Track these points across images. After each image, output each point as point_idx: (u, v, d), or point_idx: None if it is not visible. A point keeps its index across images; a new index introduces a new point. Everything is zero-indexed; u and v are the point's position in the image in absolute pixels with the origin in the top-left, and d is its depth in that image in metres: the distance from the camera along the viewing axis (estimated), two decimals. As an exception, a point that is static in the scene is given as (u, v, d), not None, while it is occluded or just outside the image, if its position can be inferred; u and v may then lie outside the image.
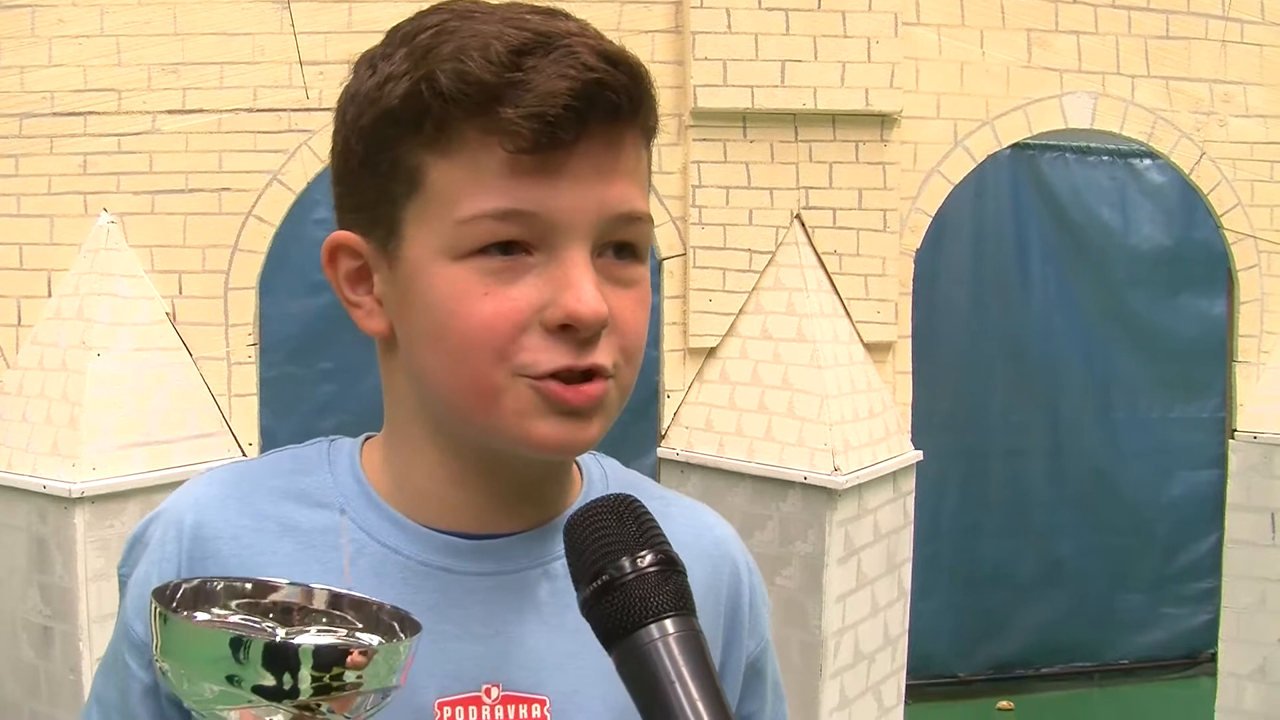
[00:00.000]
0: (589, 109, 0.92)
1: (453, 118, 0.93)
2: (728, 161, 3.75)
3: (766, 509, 3.61)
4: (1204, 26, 4.02)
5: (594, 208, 0.95)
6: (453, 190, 0.94)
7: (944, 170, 3.89)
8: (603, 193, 0.95)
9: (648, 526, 0.86)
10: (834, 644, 3.57)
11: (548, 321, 0.94)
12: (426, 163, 0.95)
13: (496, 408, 0.96)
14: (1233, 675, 4.14)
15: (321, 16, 3.55)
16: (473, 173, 0.94)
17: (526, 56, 0.92)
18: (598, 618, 0.83)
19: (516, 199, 0.93)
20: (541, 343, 0.94)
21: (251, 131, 3.56)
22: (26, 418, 3.42)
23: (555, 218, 0.94)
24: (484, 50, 0.92)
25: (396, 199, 0.97)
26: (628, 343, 0.99)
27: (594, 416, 0.98)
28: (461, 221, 0.94)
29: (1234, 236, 4.09)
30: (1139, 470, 6.40)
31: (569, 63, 0.92)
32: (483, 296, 0.94)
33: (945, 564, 6.01)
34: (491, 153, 0.93)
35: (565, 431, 0.97)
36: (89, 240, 3.54)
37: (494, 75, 0.91)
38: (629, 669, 0.81)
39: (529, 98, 0.91)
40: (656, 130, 1.02)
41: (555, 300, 0.94)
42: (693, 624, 0.82)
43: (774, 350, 3.72)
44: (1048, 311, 6.29)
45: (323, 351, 5.34)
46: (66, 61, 3.52)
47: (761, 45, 3.69)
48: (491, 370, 0.95)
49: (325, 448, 1.11)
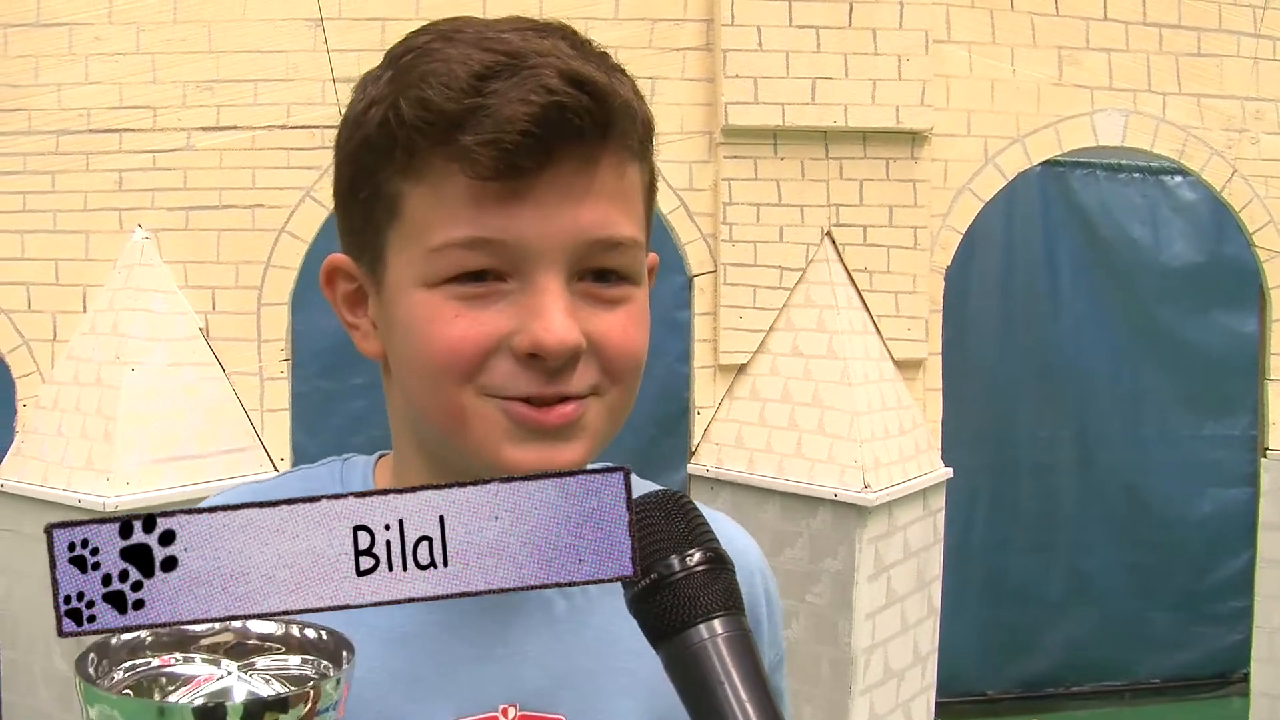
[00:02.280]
0: (550, 134, 0.89)
1: (419, 146, 0.91)
2: (758, 179, 3.75)
3: (796, 526, 3.61)
4: (1235, 44, 4.01)
5: (566, 234, 0.92)
6: (424, 218, 0.93)
7: (974, 188, 3.89)
8: (574, 218, 0.92)
9: (696, 523, 0.84)
10: (864, 661, 3.56)
11: (516, 349, 0.92)
12: (403, 190, 0.94)
13: (466, 430, 0.95)
14: (1265, 696, 4.11)
15: (354, 34, 3.57)
16: (440, 200, 0.92)
17: (490, 80, 0.89)
18: (645, 616, 0.82)
19: (482, 227, 0.91)
20: (510, 368, 0.93)
21: (285, 148, 3.58)
22: (61, 432, 3.44)
23: (524, 245, 0.91)
24: (446, 77, 0.90)
25: (379, 226, 0.97)
26: (615, 364, 0.96)
27: (572, 438, 0.96)
28: (433, 250, 0.93)
29: (1265, 254, 4.08)
30: (1169, 487, 6.36)
31: (530, 86, 0.89)
32: (453, 319, 0.93)
33: (975, 581, 5.97)
34: (456, 180, 0.91)
35: (539, 455, 0.94)
36: (123, 256, 3.56)
37: (454, 103, 0.89)
38: (677, 669, 0.80)
39: (487, 124, 0.88)
40: (648, 146, 0.99)
41: (524, 328, 0.92)
42: (742, 623, 0.81)
43: (804, 367, 3.72)
44: (1078, 328, 6.26)
45: (355, 367, 5.35)
46: (102, 79, 3.55)
47: (792, 63, 3.69)
48: (457, 392, 0.94)
49: (338, 467, 1.11)
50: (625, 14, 3.68)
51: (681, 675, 0.80)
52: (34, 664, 3.46)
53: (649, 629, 0.82)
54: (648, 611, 0.82)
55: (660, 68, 3.72)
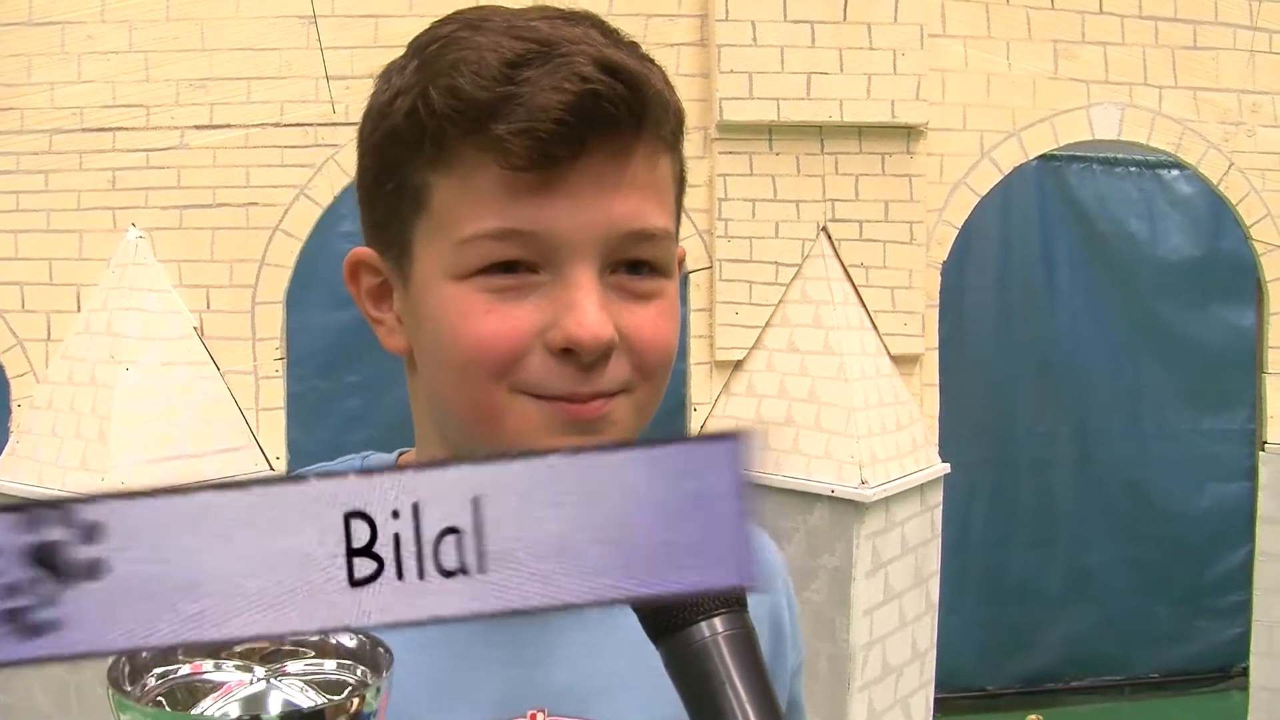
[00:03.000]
0: (585, 123, 0.87)
1: (449, 136, 0.89)
2: (754, 174, 3.75)
3: (793, 522, 3.60)
4: (1232, 37, 4.01)
5: (599, 225, 0.90)
6: (454, 210, 0.91)
7: (970, 182, 3.88)
8: (607, 209, 0.90)
9: None
10: (862, 657, 3.56)
11: (550, 344, 0.90)
12: (430, 182, 0.92)
13: (500, 427, 0.93)
14: (1265, 689, 4.11)
15: (348, 32, 3.57)
16: (471, 191, 0.90)
17: (521, 69, 0.87)
18: (645, 611, 0.79)
19: (515, 218, 0.89)
20: (544, 364, 0.91)
21: (278, 146, 3.58)
22: (55, 432, 3.44)
23: (556, 236, 0.89)
24: (478, 65, 0.87)
25: (406, 218, 0.94)
26: (647, 359, 0.95)
27: (605, 432, 0.94)
28: (462, 241, 0.91)
29: (1263, 247, 4.07)
30: (1168, 482, 6.35)
31: (563, 74, 0.86)
32: (485, 314, 0.91)
33: (973, 576, 5.97)
34: (488, 171, 0.88)
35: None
36: (117, 255, 3.56)
37: (486, 91, 0.87)
38: (676, 666, 0.77)
39: (520, 113, 0.86)
40: (680, 137, 0.98)
41: (557, 323, 0.90)
42: (745, 620, 0.77)
43: (801, 363, 3.71)
44: (1075, 323, 6.25)
45: (350, 365, 5.35)
46: (95, 78, 3.54)
47: (787, 58, 3.69)
48: (492, 388, 0.92)
49: (357, 465, 1.09)
50: (619, 9, 3.67)
51: (681, 673, 0.77)
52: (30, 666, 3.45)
53: (648, 624, 0.78)
54: (647, 606, 0.78)
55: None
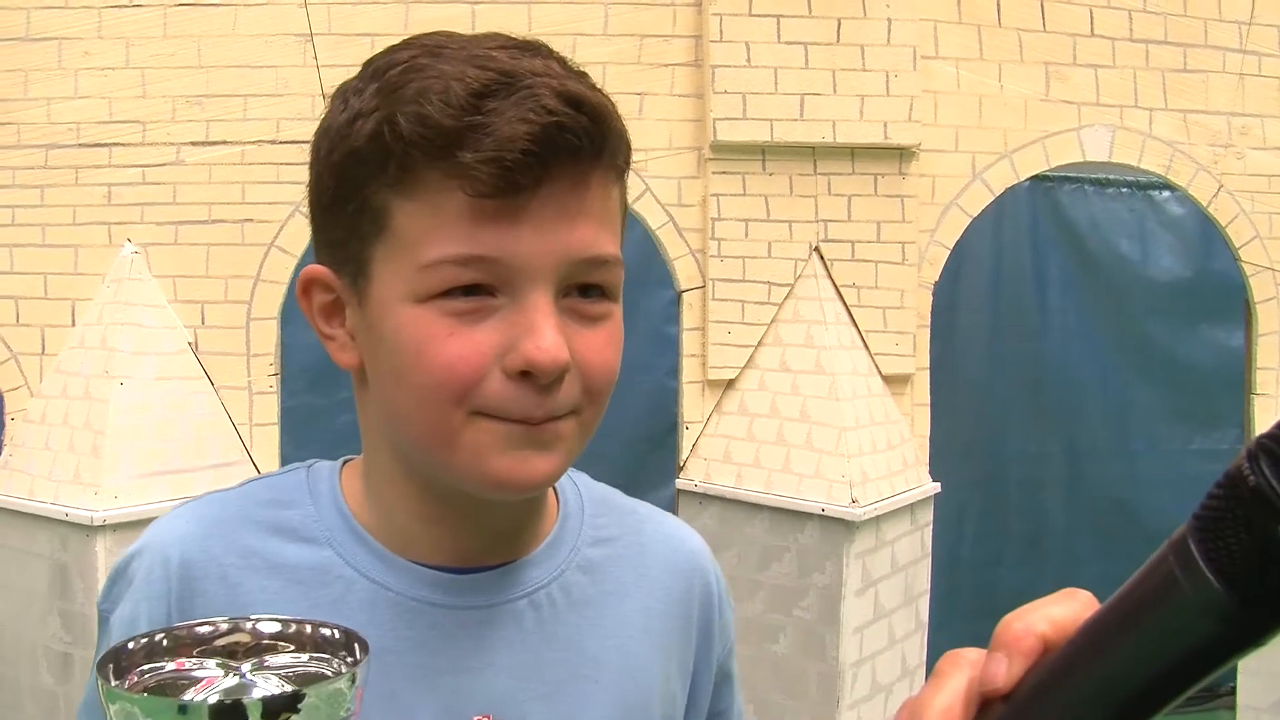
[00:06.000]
0: (549, 153, 0.90)
1: (414, 161, 0.91)
2: (747, 194, 3.77)
3: (784, 540, 3.61)
4: (1221, 60, 4.03)
5: (558, 251, 0.93)
6: (416, 233, 0.93)
7: (962, 203, 3.90)
8: (567, 236, 0.93)
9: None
10: (851, 675, 3.57)
11: (508, 367, 0.93)
12: (392, 204, 0.94)
13: (456, 446, 0.96)
14: (1251, 709, 4.12)
15: (343, 50, 3.58)
16: (435, 216, 0.92)
17: (487, 99, 0.90)
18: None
19: (478, 244, 0.92)
20: (502, 387, 0.93)
21: (274, 163, 3.59)
22: (49, 445, 3.44)
23: (518, 262, 0.92)
24: (444, 93, 0.90)
25: (365, 238, 0.96)
26: (595, 383, 0.98)
27: (554, 449, 0.97)
28: (426, 266, 0.93)
29: (1252, 269, 4.10)
30: (1158, 501, 6.35)
31: (529, 106, 0.89)
32: (447, 338, 0.93)
33: (963, 595, 5.98)
34: (453, 197, 0.91)
35: (523, 464, 0.96)
36: (113, 270, 3.57)
37: (453, 119, 0.89)
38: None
39: (488, 142, 0.89)
40: (628, 167, 1.01)
41: (515, 346, 0.92)
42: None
43: (792, 382, 3.73)
44: (1066, 343, 6.27)
45: (343, 381, 5.18)
46: (92, 93, 3.56)
47: (781, 79, 3.71)
48: (452, 411, 0.94)
49: (304, 475, 1.12)
50: (614, 30, 3.69)
51: None
52: (20, 678, 3.45)
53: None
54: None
55: (649, 83, 3.73)
